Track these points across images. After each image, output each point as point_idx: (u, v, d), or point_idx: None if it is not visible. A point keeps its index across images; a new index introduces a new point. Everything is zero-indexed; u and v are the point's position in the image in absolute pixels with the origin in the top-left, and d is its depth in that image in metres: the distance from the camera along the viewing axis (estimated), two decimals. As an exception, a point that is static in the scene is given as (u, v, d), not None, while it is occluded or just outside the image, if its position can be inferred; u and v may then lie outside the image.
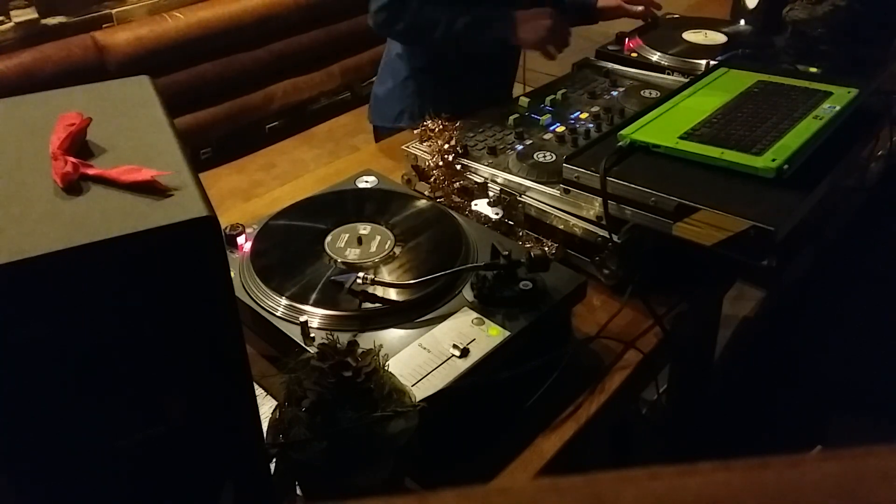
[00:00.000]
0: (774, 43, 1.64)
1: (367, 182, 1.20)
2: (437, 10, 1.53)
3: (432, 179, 1.27)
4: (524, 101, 1.49)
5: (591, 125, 1.38)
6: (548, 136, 1.36)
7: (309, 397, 0.74)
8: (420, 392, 0.80)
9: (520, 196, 1.20)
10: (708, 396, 1.82)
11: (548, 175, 1.20)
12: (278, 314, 0.93)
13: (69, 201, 0.55)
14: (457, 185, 1.26)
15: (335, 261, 1.00)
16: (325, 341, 0.77)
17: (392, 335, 0.90)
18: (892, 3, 1.58)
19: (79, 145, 0.61)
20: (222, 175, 2.93)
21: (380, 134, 1.82)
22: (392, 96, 1.77)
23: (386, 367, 0.78)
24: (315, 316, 0.91)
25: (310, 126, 3.32)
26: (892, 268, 1.83)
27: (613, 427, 1.57)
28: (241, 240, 1.04)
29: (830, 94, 1.24)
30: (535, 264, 0.94)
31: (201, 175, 0.59)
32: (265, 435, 0.73)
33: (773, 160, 1.03)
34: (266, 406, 0.87)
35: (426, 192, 1.28)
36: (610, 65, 1.65)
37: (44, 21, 2.75)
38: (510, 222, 1.20)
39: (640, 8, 1.87)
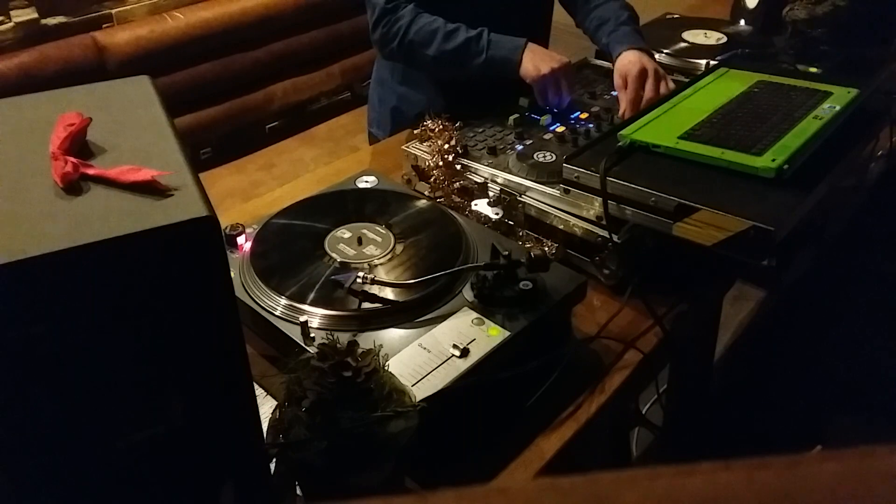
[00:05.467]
0: (774, 43, 1.64)
1: (367, 182, 1.20)
2: (434, 23, 1.44)
3: (432, 179, 1.27)
4: (524, 101, 1.48)
5: (591, 125, 1.38)
6: (548, 136, 1.36)
7: (309, 397, 0.74)
8: (420, 392, 0.80)
9: (520, 196, 1.20)
10: (708, 396, 1.82)
11: (548, 175, 1.20)
12: (278, 314, 0.93)
13: (69, 201, 0.55)
14: (457, 185, 1.26)
15: (335, 260, 1.00)
16: (325, 341, 0.77)
17: (392, 335, 0.90)
18: (892, 3, 1.58)
19: (79, 145, 0.61)
20: (222, 175, 2.93)
21: (371, 139, 1.81)
22: (371, 104, 1.77)
23: (386, 367, 0.78)
24: (315, 316, 0.91)
25: (310, 126, 3.32)
26: (892, 268, 1.83)
27: (613, 427, 1.57)
28: (241, 240, 1.04)
29: (830, 94, 1.24)
30: (535, 264, 0.94)
31: (201, 175, 0.59)
32: (265, 435, 0.73)
33: (773, 160, 1.03)
34: (266, 406, 0.87)
35: (426, 192, 1.28)
36: (610, 65, 1.65)
37: (44, 21, 2.75)
38: (510, 222, 1.20)
39: (624, 109, 1.43)
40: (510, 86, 1.49)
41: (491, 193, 1.23)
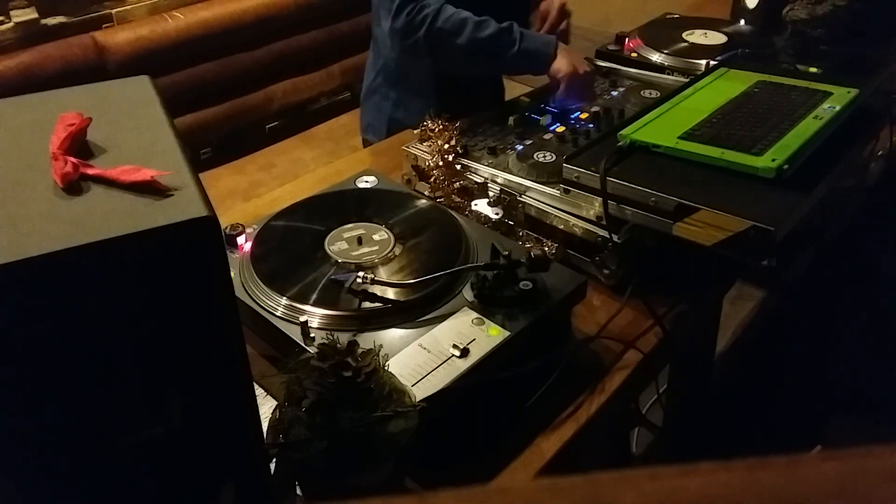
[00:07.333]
0: (774, 43, 1.64)
1: (367, 182, 1.20)
2: (462, 13, 1.42)
3: (432, 179, 1.27)
4: (524, 101, 1.48)
5: (591, 125, 1.38)
6: (548, 136, 1.36)
7: (309, 397, 0.74)
8: (420, 392, 0.80)
9: (520, 196, 1.20)
10: (708, 396, 1.81)
11: (548, 175, 1.20)
12: (278, 314, 0.93)
13: (69, 201, 0.55)
14: (457, 185, 1.26)
15: (335, 261, 1.00)
16: (325, 341, 0.77)
17: (392, 335, 0.90)
18: (892, 3, 1.58)
19: (79, 145, 0.61)
20: (222, 175, 2.93)
21: (365, 144, 1.80)
22: (365, 109, 1.76)
23: (386, 367, 0.78)
24: (315, 316, 0.91)
25: (310, 126, 3.32)
26: (892, 268, 1.83)
27: (613, 427, 1.57)
28: (241, 240, 1.04)
29: (830, 94, 1.24)
30: (535, 264, 0.94)
31: (201, 175, 0.59)
32: (265, 435, 0.73)
33: (773, 160, 1.03)
34: (266, 406, 0.87)
35: (426, 192, 1.28)
36: (610, 65, 1.65)
37: (44, 21, 2.75)
38: (510, 222, 1.20)
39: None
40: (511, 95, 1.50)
41: (491, 193, 1.23)
